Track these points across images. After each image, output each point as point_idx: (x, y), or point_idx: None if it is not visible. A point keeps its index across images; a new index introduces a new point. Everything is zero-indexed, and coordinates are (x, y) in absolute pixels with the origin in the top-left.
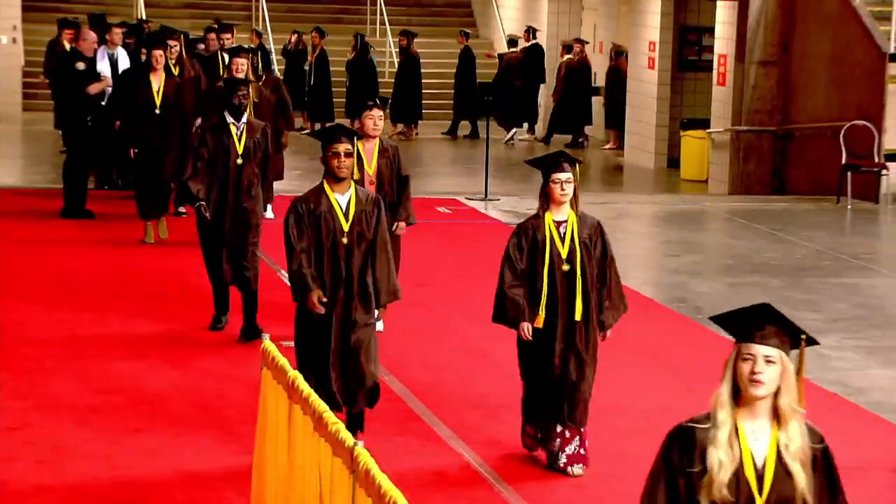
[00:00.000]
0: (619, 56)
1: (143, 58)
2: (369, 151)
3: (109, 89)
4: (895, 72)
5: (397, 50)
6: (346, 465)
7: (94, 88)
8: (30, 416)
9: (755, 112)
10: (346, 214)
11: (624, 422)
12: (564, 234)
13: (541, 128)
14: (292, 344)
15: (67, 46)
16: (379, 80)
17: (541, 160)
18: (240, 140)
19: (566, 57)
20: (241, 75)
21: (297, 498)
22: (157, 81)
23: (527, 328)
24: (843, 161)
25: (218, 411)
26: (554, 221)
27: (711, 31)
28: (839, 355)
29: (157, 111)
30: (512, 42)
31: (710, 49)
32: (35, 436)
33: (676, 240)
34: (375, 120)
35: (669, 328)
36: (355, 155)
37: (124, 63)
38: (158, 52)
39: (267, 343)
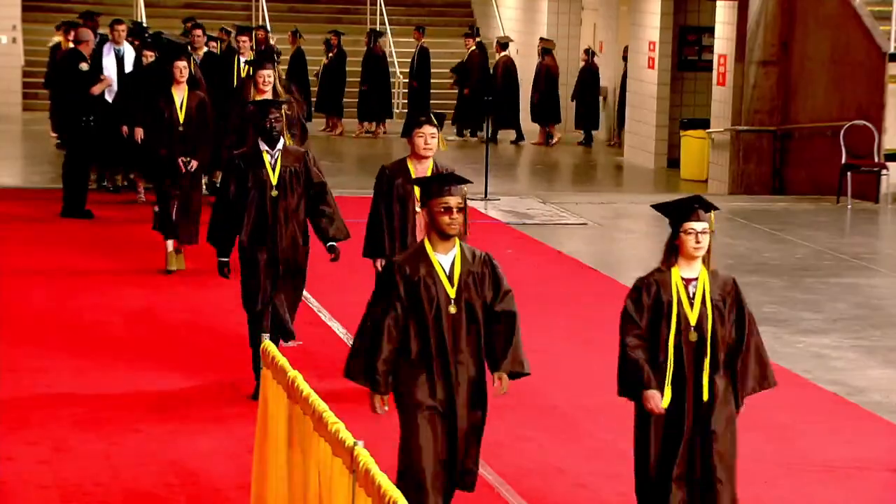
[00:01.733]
0: (546, 54)
1: (145, 61)
2: (422, 174)
3: (115, 86)
4: (895, 71)
5: (367, 49)
6: (346, 465)
7: (97, 89)
8: (30, 416)
9: (755, 112)
10: (451, 281)
11: (624, 421)
12: (694, 295)
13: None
14: (293, 344)
15: (65, 46)
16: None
17: (671, 206)
18: (274, 169)
19: (501, 55)
20: (268, 91)
21: (297, 498)
22: (180, 95)
23: (655, 399)
24: (843, 161)
25: (218, 411)
26: (682, 279)
27: (711, 30)
28: (839, 355)
29: (181, 128)
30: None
31: (710, 49)
32: (35, 436)
33: None
34: (427, 138)
35: None
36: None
37: (130, 58)
38: (182, 64)
39: (267, 343)
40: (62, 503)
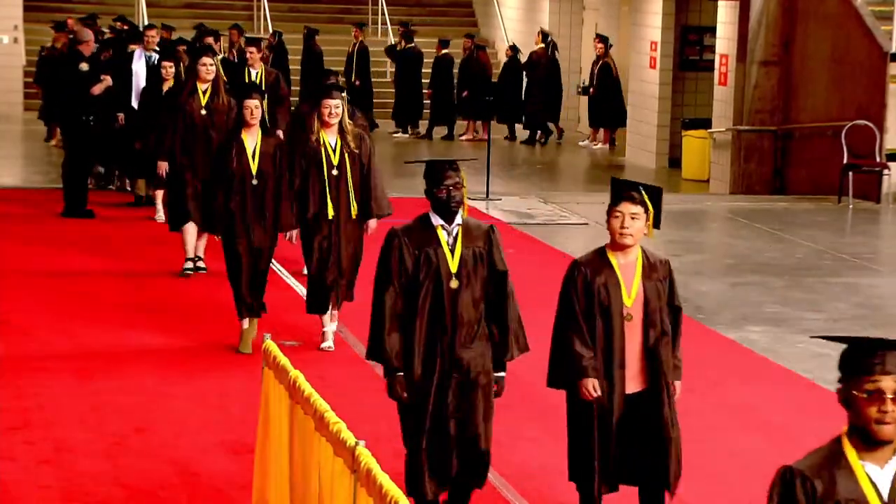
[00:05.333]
0: (479, 49)
1: (165, 74)
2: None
3: (139, 85)
4: None
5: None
6: (348, 465)
7: (97, 89)
8: (30, 416)
9: (756, 112)
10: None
11: None
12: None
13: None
14: (294, 343)
15: (58, 46)
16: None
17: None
18: (453, 252)
19: (443, 52)
20: (333, 122)
21: (298, 498)
22: (252, 141)
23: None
24: (844, 161)
25: (219, 411)
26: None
27: (713, 30)
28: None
29: (254, 181)
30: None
31: (712, 49)
32: (35, 436)
33: (677, 239)
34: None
35: None
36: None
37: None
38: (254, 103)
39: (268, 343)
40: (62, 503)
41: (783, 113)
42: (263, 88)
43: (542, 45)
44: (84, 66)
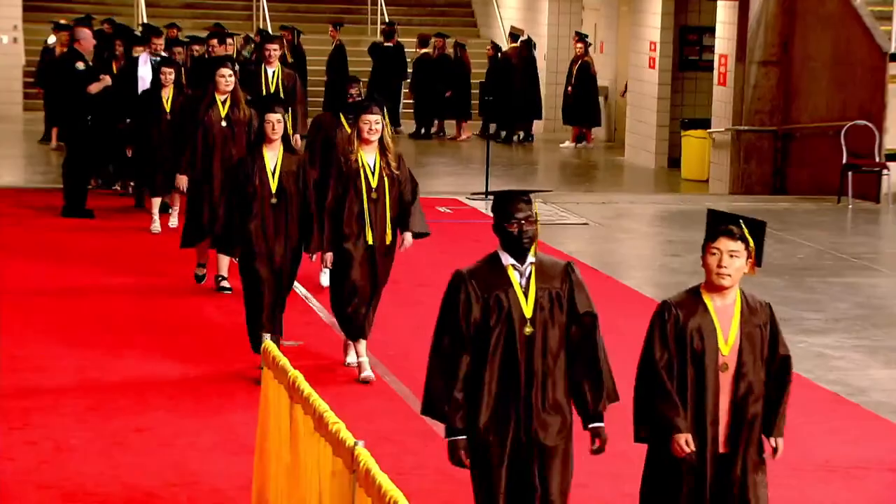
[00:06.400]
0: (461, 49)
1: (164, 80)
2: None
3: (146, 86)
4: None
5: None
6: (347, 465)
7: (94, 88)
8: (30, 416)
9: (756, 112)
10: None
11: (624, 421)
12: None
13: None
14: (294, 343)
15: (58, 49)
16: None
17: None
18: (526, 295)
19: (422, 51)
20: (374, 139)
21: (297, 497)
22: (273, 158)
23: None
24: (844, 161)
25: (219, 411)
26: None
27: (712, 30)
28: (840, 355)
29: (273, 200)
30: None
31: (711, 49)
32: (35, 436)
33: (677, 240)
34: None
35: None
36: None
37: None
38: (276, 117)
39: (268, 343)
40: (62, 503)
41: (783, 113)
42: (280, 92)
43: (514, 45)
44: (80, 65)
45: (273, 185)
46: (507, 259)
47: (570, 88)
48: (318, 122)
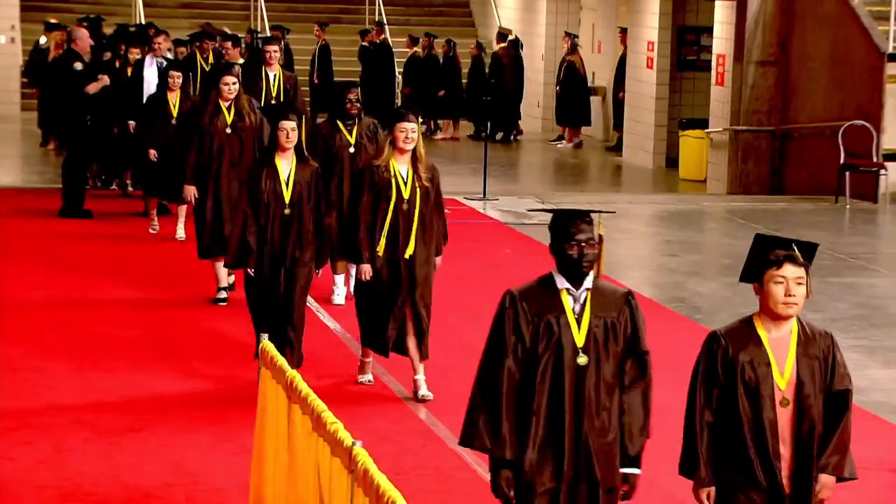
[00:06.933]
0: (453, 48)
1: (172, 83)
2: None
3: (151, 89)
4: (894, 71)
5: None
6: (345, 465)
7: (92, 88)
8: (30, 416)
9: (754, 112)
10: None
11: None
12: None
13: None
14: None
15: (53, 51)
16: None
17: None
18: (579, 324)
19: (414, 49)
20: (409, 148)
21: (296, 498)
22: (287, 166)
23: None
24: (842, 161)
25: (217, 411)
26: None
27: (710, 30)
28: None
29: (287, 210)
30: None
31: (709, 49)
32: (35, 436)
33: (675, 239)
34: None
35: (668, 328)
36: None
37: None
38: (291, 125)
39: (266, 343)
40: (62, 503)
41: (780, 113)
42: (282, 95)
43: (503, 45)
44: (78, 65)
45: (287, 196)
46: (561, 282)
47: (558, 88)
48: (316, 130)
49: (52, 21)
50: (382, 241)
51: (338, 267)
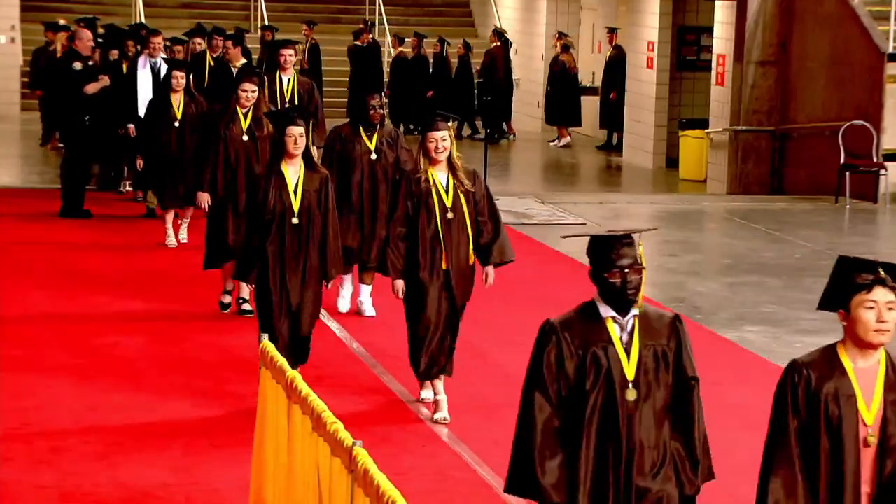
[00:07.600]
0: (441, 45)
1: (176, 85)
2: None
3: (146, 95)
4: (894, 71)
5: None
6: (345, 465)
7: (91, 88)
8: (30, 416)
9: (754, 112)
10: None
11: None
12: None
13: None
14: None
15: (59, 51)
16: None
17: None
18: (628, 354)
19: (399, 49)
20: (442, 157)
21: (296, 498)
22: (295, 175)
23: None
24: (842, 161)
25: (217, 411)
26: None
27: (710, 30)
28: None
29: (294, 220)
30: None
31: (709, 49)
32: (35, 436)
33: (675, 239)
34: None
35: None
36: None
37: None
38: (298, 130)
39: (266, 343)
40: (62, 503)
41: (780, 113)
42: (297, 101)
43: (498, 44)
44: (77, 65)
45: (295, 205)
46: (606, 311)
47: (549, 88)
48: (336, 134)
49: (61, 22)
50: (443, 255)
51: (366, 277)
